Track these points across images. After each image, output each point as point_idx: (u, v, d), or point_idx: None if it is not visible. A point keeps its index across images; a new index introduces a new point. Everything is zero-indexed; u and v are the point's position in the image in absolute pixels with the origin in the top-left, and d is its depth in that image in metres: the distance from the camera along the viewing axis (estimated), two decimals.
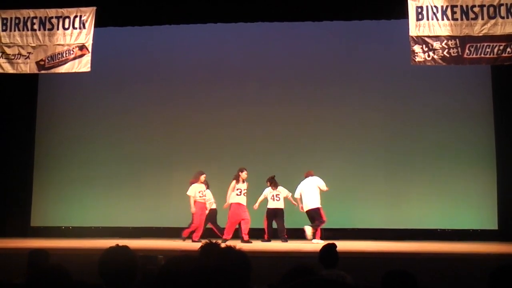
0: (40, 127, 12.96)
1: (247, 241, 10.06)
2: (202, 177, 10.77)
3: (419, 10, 9.39)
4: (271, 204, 10.93)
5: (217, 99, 12.55)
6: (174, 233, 10.94)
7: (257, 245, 9.89)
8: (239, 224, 10.43)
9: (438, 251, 8.73)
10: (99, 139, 12.75)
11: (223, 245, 3.68)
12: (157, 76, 12.77)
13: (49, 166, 12.79)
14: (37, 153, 12.90)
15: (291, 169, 11.83)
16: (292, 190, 10.85)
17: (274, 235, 10.89)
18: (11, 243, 9.66)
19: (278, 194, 10.96)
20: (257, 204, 11.01)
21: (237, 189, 10.38)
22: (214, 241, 3.85)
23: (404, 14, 9.56)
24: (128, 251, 3.35)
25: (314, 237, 10.22)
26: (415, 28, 9.38)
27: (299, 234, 10.29)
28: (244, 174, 10.46)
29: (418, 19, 9.38)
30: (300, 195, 10.66)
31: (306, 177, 10.77)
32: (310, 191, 10.58)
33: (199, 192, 10.67)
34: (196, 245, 4.25)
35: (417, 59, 9.38)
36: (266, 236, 10.94)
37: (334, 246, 5.53)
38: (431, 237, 11.26)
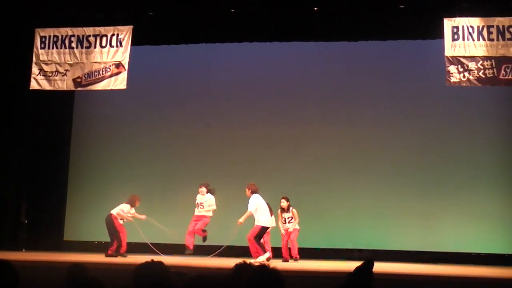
0: (75, 143, 13.17)
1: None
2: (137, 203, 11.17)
3: (455, 30, 9.35)
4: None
5: (250, 119, 12.59)
6: (207, 250, 11.00)
7: (292, 265, 9.83)
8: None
9: (472, 275, 8.56)
10: (132, 155, 12.86)
11: (256, 264, 3.67)
12: (191, 94, 12.84)
13: (83, 181, 12.96)
14: (71, 168, 13.09)
15: (318, 192, 11.83)
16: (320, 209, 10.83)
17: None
18: (45, 257, 9.79)
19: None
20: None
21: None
22: (248, 261, 3.85)
23: (440, 34, 9.51)
24: (163, 267, 3.36)
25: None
26: (450, 48, 9.34)
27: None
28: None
29: (453, 39, 9.34)
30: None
31: (255, 191, 10.19)
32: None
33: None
34: (228, 263, 4.24)
35: (452, 79, 9.32)
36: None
37: (372, 263, 5.42)
38: (466, 260, 11.00)
